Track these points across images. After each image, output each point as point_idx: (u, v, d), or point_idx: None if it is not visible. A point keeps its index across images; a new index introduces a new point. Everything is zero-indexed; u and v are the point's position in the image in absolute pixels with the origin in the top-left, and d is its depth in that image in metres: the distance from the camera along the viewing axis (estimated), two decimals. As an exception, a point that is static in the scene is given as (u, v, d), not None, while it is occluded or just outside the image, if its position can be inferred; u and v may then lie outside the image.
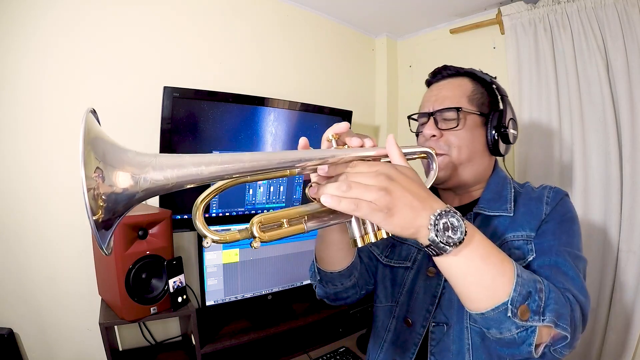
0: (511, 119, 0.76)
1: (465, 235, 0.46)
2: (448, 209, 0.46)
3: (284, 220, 0.48)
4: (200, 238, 1.30)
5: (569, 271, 0.60)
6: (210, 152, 1.35)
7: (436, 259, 0.49)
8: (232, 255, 1.35)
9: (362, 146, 0.53)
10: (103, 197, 0.34)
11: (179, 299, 1.13)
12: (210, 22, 1.47)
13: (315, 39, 1.82)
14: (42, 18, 1.13)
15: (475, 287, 0.49)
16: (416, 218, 0.45)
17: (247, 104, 1.40)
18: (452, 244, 0.45)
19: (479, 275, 0.48)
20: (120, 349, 1.29)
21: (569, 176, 1.45)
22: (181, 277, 1.14)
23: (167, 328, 1.39)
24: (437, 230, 0.45)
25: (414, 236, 0.46)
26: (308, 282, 1.52)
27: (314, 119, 1.61)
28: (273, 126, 1.48)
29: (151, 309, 1.08)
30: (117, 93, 1.27)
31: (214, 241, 0.43)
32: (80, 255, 1.20)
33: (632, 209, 1.31)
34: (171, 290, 1.10)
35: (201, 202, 0.44)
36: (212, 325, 1.32)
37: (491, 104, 0.77)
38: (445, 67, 0.80)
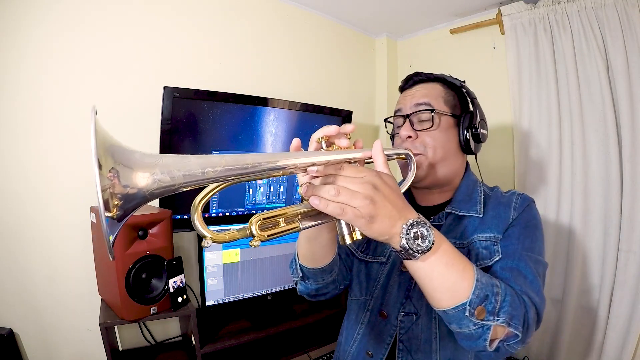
0: (481, 119, 0.81)
1: (432, 244, 0.51)
2: (419, 220, 0.52)
3: (281, 219, 0.51)
4: (201, 238, 1.30)
5: (528, 275, 0.66)
6: (210, 152, 1.35)
7: (405, 262, 0.54)
8: (233, 255, 1.35)
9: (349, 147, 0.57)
10: (118, 196, 0.34)
11: (179, 299, 1.13)
12: (211, 22, 1.47)
13: (315, 39, 1.81)
14: (42, 18, 1.13)
15: (439, 288, 0.55)
16: (392, 226, 0.50)
17: (247, 104, 1.40)
18: (420, 251, 0.51)
19: (442, 279, 0.54)
20: (120, 349, 1.29)
21: (569, 176, 1.45)
22: (181, 277, 1.14)
23: (167, 328, 1.39)
24: (408, 238, 0.50)
25: (387, 241, 0.52)
26: (308, 282, 1.52)
27: (314, 119, 1.61)
28: (273, 126, 1.49)
29: (151, 309, 1.08)
30: (117, 93, 1.27)
31: (213, 241, 0.44)
32: (80, 255, 1.20)
33: (632, 209, 1.31)
34: (171, 290, 1.10)
35: (199, 201, 0.45)
36: (212, 325, 1.32)
37: (462, 107, 0.82)
38: (417, 74, 0.85)
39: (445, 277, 0.54)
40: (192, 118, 1.29)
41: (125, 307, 1.03)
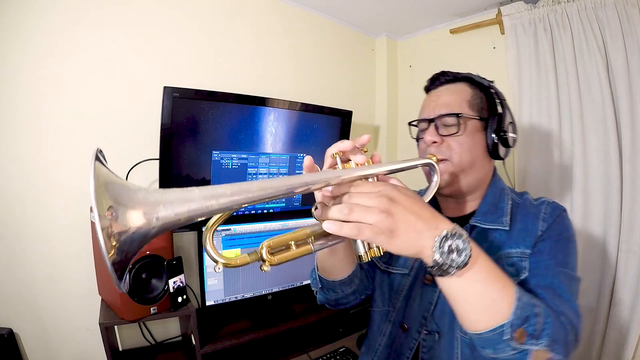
0: (510, 122, 0.76)
1: (469, 258, 0.46)
2: (454, 231, 0.47)
3: (292, 242, 0.50)
4: (201, 238, 1.30)
5: (564, 293, 0.61)
6: (210, 152, 1.34)
7: (438, 279, 0.49)
8: (233, 255, 1.34)
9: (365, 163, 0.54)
10: (117, 237, 0.34)
11: (179, 299, 1.13)
12: (211, 22, 1.47)
13: (315, 39, 1.82)
14: (42, 18, 1.13)
15: (475, 308, 0.50)
16: (419, 239, 0.46)
17: (247, 104, 1.40)
18: (455, 267, 0.46)
19: (479, 297, 0.49)
20: (120, 349, 1.29)
21: (569, 176, 1.45)
22: (181, 277, 1.14)
23: (167, 328, 1.39)
24: (442, 252, 0.46)
25: (417, 256, 0.47)
26: (308, 282, 1.51)
27: (314, 119, 1.61)
28: (273, 126, 1.48)
29: (151, 309, 1.08)
30: (117, 93, 1.27)
31: (225, 266, 0.45)
32: (80, 255, 1.20)
33: (632, 209, 1.31)
34: (171, 290, 1.10)
35: (211, 227, 0.45)
36: (212, 325, 1.32)
37: (490, 108, 0.76)
38: (443, 73, 0.80)
39: (483, 295, 0.49)
40: (192, 118, 1.29)
41: (125, 307, 1.03)
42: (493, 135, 0.73)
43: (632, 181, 1.31)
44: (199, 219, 0.40)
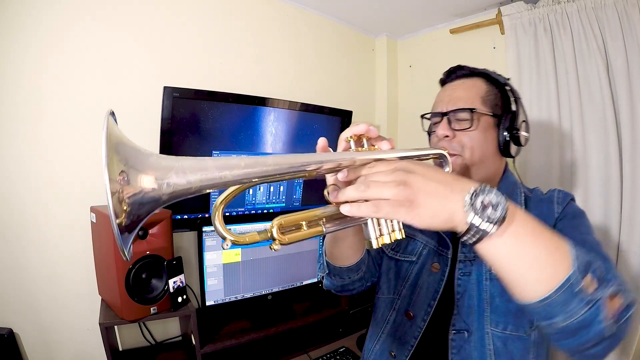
0: (523, 121, 0.76)
1: (507, 211, 0.41)
2: (484, 187, 0.43)
3: (303, 222, 0.48)
4: (201, 238, 1.30)
5: (597, 251, 0.59)
6: (210, 152, 1.35)
7: (480, 247, 0.43)
8: (233, 255, 1.35)
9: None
10: (127, 200, 0.33)
11: (179, 299, 1.13)
12: (211, 22, 1.47)
13: (315, 39, 1.81)
14: (42, 18, 1.13)
15: (533, 268, 0.43)
16: (445, 203, 0.42)
17: (247, 104, 1.40)
18: (495, 222, 0.41)
19: (533, 253, 0.43)
20: (120, 349, 1.29)
21: (569, 176, 1.45)
22: (181, 277, 1.14)
23: (167, 328, 1.39)
24: (475, 210, 0.41)
25: (448, 224, 0.42)
26: (308, 282, 1.52)
27: (314, 119, 1.61)
28: (273, 126, 1.49)
29: (151, 309, 1.08)
30: (117, 93, 1.27)
31: (234, 243, 0.43)
32: (80, 255, 1.20)
33: (632, 209, 1.31)
34: (171, 290, 1.10)
35: (220, 203, 0.43)
36: (212, 325, 1.32)
37: (504, 106, 0.76)
38: (459, 67, 0.79)
39: (536, 249, 0.43)
40: (192, 118, 1.29)
41: (125, 307, 1.03)
42: (505, 133, 0.73)
43: (632, 181, 1.30)
44: (209, 190, 0.39)
